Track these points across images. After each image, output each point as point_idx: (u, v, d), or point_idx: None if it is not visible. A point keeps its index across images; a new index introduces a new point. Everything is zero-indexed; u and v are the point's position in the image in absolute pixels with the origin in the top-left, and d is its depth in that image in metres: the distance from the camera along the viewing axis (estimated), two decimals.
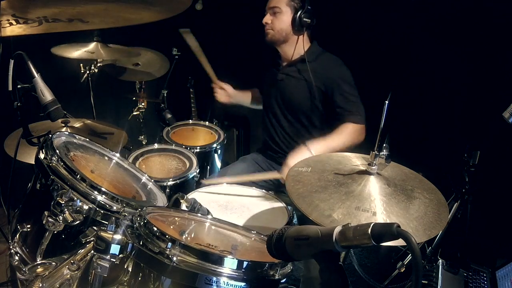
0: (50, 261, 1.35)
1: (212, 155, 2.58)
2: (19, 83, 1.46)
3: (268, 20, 2.21)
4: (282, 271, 1.16)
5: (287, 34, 2.20)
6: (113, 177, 1.64)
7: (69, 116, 2.02)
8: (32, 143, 1.54)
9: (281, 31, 2.20)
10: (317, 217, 1.25)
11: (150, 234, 1.13)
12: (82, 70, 2.70)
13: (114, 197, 1.35)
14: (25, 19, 1.52)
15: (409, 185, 1.42)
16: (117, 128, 2.18)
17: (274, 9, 2.18)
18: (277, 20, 2.19)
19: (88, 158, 1.63)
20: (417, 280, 0.73)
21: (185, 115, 2.97)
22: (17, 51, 1.44)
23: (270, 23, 2.21)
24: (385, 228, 0.76)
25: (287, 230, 0.90)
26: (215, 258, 1.09)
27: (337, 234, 0.81)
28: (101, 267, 1.07)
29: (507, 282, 1.61)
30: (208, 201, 1.84)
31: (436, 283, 1.61)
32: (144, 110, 2.88)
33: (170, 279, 1.12)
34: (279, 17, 2.18)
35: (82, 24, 1.55)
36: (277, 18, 2.19)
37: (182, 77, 3.27)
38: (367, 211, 1.27)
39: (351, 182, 1.39)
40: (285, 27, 2.18)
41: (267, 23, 2.21)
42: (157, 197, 1.65)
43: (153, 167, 2.26)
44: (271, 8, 2.19)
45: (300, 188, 1.38)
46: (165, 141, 2.53)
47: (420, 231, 1.25)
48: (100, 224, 1.32)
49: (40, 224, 1.28)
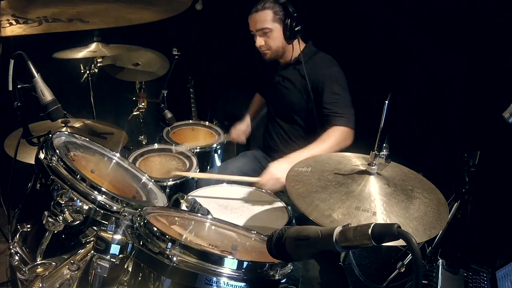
0: (50, 261, 1.35)
1: (212, 155, 2.58)
2: (19, 83, 1.46)
3: (261, 43, 2.14)
4: (282, 271, 1.16)
5: (284, 47, 2.18)
6: (113, 177, 1.64)
7: (69, 116, 2.02)
8: (32, 143, 1.54)
9: (277, 48, 2.17)
10: (317, 217, 1.25)
11: (150, 234, 1.13)
12: (82, 70, 2.70)
13: (114, 197, 1.35)
14: (25, 19, 1.52)
15: (409, 185, 1.42)
16: (117, 128, 2.18)
17: (263, 30, 2.11)
18: (270, 40, 2.13)
19: (88, 158, 1.63)
20: (417, 280, 0.73)
21: (185, 115, 2.97)
22: (17, 51, 1.44)
23: (265, 45, 2.15)
24: (385, 229, 0.76)
25: (287, 230, 0.90)
26: (215, 258, 1.09)
27: (337, 234, 0.81)
28: (101, 267, 1.07)
29: (507, 282, 1.61)
30: (208, 201, 1.84)
31: (436, 283, 1.61)
32: (144, 110, 2.88)
33: (170, 279, 1.12)
34: (271, 36, 2.12)
35: (82, 24, 1.55)
36: (269, 38, 2.13)
37: (182, 77, 3.27)
38: (367, 211, 1.27)
39: (351, 182, 1.39)
40: (280, 43, 2.15)
41: (261, 46, 2.15)
42: (157, 197, 1.65)
43: (153, 167, 2.26)
44: (259, 30, 2.12)
45: (300, 188, 1.38)
46: (165, 141, 2.53)
47: (420, 231, 1.25)
48: (100, 224, 1.32)
49: (40, 224, 1.28)
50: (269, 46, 2.16)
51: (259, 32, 2.13)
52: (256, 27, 2.13)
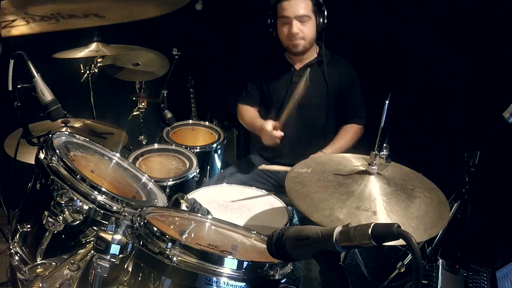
0: (50, 261, 1.34)
1: (212, 155, 2.58)
2: (19, 83, 1.46)
3: (298, 29, 2.06)
4: (282, 271, 1.16)
5: (312, 43, 2.15)
6: (113, 177, 1.64)
7: (69, 116, 2.02)
8: (32, 143, 1.54)
9: (311, 40, 2.12)
10: (317, 217, 1.25)
11: (150, 234, 1.13)
12: (82, 70, 2.70)
13: (114, 197, 1.35)
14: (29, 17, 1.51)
15: (409, 185, 1.42)
16: (117, 128, 2.18)
17: (303, 17, 2.04)
18: (307, 28, 2.08)
19: (88, 158, 1.63)
20: (417, 280, 0.73)
21: (185, 115, 2.97)
22: (17, 51, 1.44)
23: (301, 33, 2.07)
24: (386, 229, 0.76)
25: (287, 230, 0.90)
26: (215, 258, 1.09)
27: (337, 234, 0.81)
28: (101, 267, 1.07)
29: (507, 282, 1.61)
30: (208, 201, 1.84)
31: (436, 283, 1.61)
32: (144, 110, 2.88)
33: (170, 279, 1.12)
34: (308, 25, 2.07)
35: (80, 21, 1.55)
36: (307, 27, 2.07)
37: (182, 77, 3.27)
38: (367, 210, 1.27)
39: (351, 182, 1.39)
40: (313, 34, 2.11)
41: (298, 33, 2.07)
42: (157, 197, 1.65)
43: (153, 167, 2.26)
44: (299, 17, 2.04)
45: (300, 188, 1.38)
46: (165, 141, 2.53)
47: (421, 230, 1.25)
48: (100, 224, 1.32)
49: (40, 224, 1.28)
50: (305, 36, 2.09)
51: (299, 19, 2.05)
52: (296, 13, 2.04)
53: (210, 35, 3.32)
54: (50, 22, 1.51)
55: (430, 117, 2.52)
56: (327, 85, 2.16)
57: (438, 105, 2.49)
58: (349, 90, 2.20)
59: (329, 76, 2.16)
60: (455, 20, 2.34)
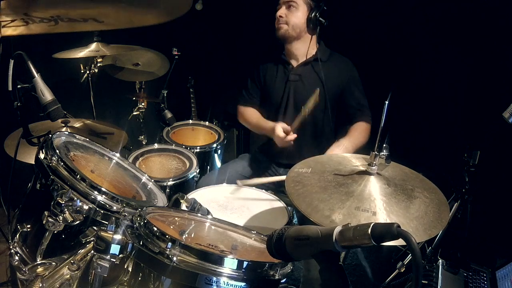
0: (50, 261, 1.34)
1: (212, 155, 2.58)
2: (19, 83, 1.46)
3: (282, 13, 2.15)
4: (282, 271, 1.16)
5: (301, 32, 2.18)
6: (113, 177, 1.64)
7: (69, 116, 2.02)
8: (32, 143, 1.54)
9: (295, 27, 2.16)
10: (317, 217, 1.25)
11: (150, 234, 1.13)
12: (82, 70, 2.70)
13: (114, 197, 1.35)
14: (31, 19, 1.51)
15: (409, 185, 1.42)
16: (117, 128, 2.18)
17: (290, 3, 2.13)
18: (292, 14, 2.14)
19: (88, 158, 1.63)
20: (417, 280, 0.73)
21: (185, 115, 2.97)
22: (17, 51, 1.44)
23: (285, 17, 2.15)
24: (385, 228, 0.76)
25: (287, 230, 0.90)
26: (215, 258, 1.09)
27: (337, 234, 0.81)
28: (101, 267, 1.07)
29: (507, 282, 1.61)
30: (208, 201, 1.84)
31: (436, 283, 1.61)
32: (144, 110, 2.88)
33: (170, 279, 1.12)
34: (294, 11, 2.14)
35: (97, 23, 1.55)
36: (292, 13, 2.14)
37: (182, 77, 3.27)
38: (367, 211, 1.27)
39: (351, 182, 1.39)
40: (300, 23, 2.15)
41: (281, 16, 2.15)
42: (157, 197, 1.65)
43: (153, 167, 2.26)
44: (286, 2, 2.14)
45: (300, 188, 1.38)
46: (165, 141, 2.53)
47: (421, 231, 1.25)
48: (100, 224, 1.32)
49: (40, 224, 1.28)
50: (288, 20, 2.15)
51: (286, 4, 2.15)
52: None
53: (210, 35, 3.32)
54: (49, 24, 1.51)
55: (430, 117, 2.52)
56: (323, 84, 2.16)
57: (438, 105, 2.49)
58: (349, 89, 2.20)
59: (326, 75, 2.16)
60: (455, 20, 2.34)
